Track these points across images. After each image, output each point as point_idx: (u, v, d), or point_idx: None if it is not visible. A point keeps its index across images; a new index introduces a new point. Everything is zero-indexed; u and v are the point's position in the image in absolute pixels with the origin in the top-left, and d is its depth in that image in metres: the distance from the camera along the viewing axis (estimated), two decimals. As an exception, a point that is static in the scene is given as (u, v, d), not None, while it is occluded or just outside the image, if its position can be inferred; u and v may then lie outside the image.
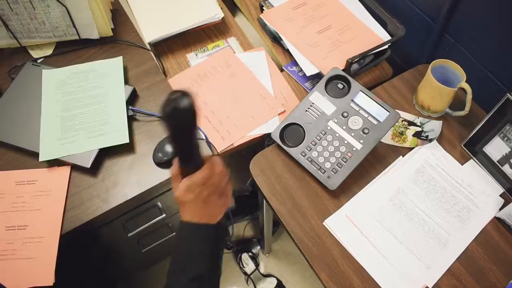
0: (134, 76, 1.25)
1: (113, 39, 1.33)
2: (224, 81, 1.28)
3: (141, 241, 1.36)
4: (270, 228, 1.58)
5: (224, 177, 0.74)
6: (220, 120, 1.21)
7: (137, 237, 1.34)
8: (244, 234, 1.87)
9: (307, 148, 1.08)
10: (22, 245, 1.04)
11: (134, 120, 1.18)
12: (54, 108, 1.18)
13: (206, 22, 1.34)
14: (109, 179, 1.10)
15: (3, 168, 1.14)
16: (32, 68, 1.26)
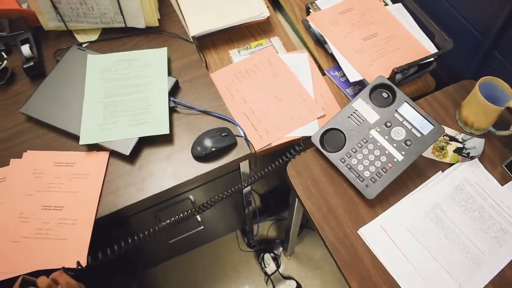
0: (177, 68, 1.26)
1: (158, 30, 1.33)
2: (265, 80, 1.28)
3: (168, 232, 1.36)
4: (297, 230, 1.58)
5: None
6: (259, 118, 1.21)
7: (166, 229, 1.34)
8: (267, 234, 1.87)
9: (347, 154, 1.07)
10: (57, 225, 1.05)
11: (174, 112, 1.18)
12: (97, 93, 1.18)
13: (251, 19, 1.34)
14: (146, 168, 1.11)
15: (43, 148, 1.15)
16: (77, 52, 1.28)
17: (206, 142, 1.10)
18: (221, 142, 1.10)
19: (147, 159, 1.12)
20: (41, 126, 1.19)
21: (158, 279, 1.80)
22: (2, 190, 1.09)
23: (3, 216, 1.05)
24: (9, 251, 1.02)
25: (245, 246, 1.89)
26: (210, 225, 1.48)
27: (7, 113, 1.22)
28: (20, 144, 1.16)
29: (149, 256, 1.65)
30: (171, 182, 1.09)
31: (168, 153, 1.13)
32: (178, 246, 1.50)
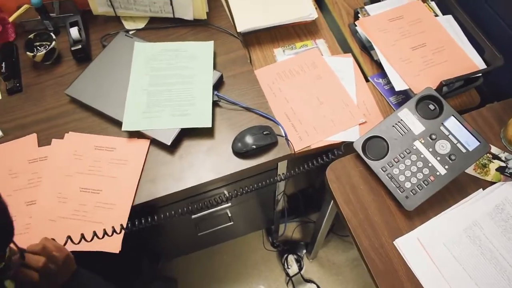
0: (222, 63, 1.26)
1: (205, 23, 1.34)
2: (309, 81, 1.27)
3: (199, 224, 1.37)
4: (325, 234, 1.57)
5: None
6: (300, 119, 1.20)
7: (197, 221, 1.34)
8: (292, 236, 1.87)
9: (389, 164, 1.06)
10: (94, 208, 1.06)
11: (217, 106, 1.18)
12: (142, 81, 1.19)
13: (299, 20, 1.34)
14: (185, 159, 1.11)
15: (85, 131, 1.16)
16: (125, 38, 1.28)
17: (247, 139, 1.10)
18: (262, 140, 1.10)
19: (187, 151, 1.12)
20: (84, 109, 1.20)
21: (179, 271, 1.81)
22: (42, 168, 1.11)
23: (42, 194, 1.07)
24: (45, 229, 1.04)
25: (268, 245, 1.88)
26: (239, 221, 1.48)
27: (52, 93, 1.24)
28: (62, 125, 1.18)
29: (177, 247, 1.66)
30: (209, 175, 1.09)
31: (208, 147, 1.13)
32: (206, 239, 1.51)
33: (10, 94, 1.26)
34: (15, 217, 1.01)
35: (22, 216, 1.06)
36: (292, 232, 1.86)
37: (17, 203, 1.07)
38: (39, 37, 1.28)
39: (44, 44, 1.29)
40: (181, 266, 1.80)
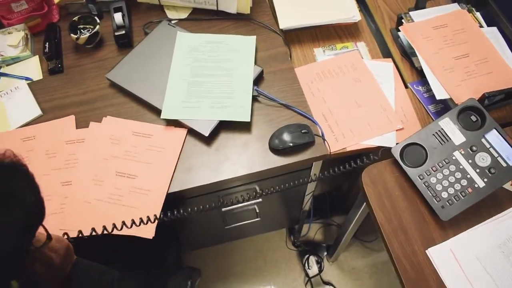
0: (262, 58, 1.26)
1: (248, 18, 1.34)
2: (347, 83, 1.27)
3: (226, 218, 1.37)
4: (349, 238, 1.56)
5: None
6: (337, 121, 1.20)
7: (225, 214, 1.35)
8: (314, 237, 1.86)
9: (427, 172, 1.05)
10: (129, 193, 1.06)
11: (255, 101, 1.18)
12: (183, 71, 1.20)
13: (341, 21, 1.33)
14: (222, 151, 1.11)
15: (123, 116, 1.17)
16: (167, 27, 1.29)
17: (285, 136, 1.10)
18: (300, 138, 1.09)
19: (224, 143, 1.13)
20: (123, 94, 1.21)
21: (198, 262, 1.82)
22: (79, 150, 1.12)
23: (78, 175, 1.08)
24: (80, 210, 1.05)
25: (290, 244, 1.88)
26: (266, 218, 1.48)
27: (92, 76, 1.25)
28: (100, 109, 1.19)
29: (201, 238, 1.67)
30: (244, 169, 1.09)
31: (244, 141, 1.13)
32: (231, 233, 1.51)
33: (51, 74, 1.27)
34: (51, 196, 1.03)
35: (57, 195, 1.07)
36: (314, 233, 1.86)
37: (53, 182, 1.08)
38: (83, 20, 1.30)
39: (88, 27, 1.30)
40: (201, 257, 1.81)
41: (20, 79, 1.28)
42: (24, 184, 0.65)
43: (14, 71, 1.30)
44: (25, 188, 0.64)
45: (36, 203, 0.67)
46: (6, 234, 0.59)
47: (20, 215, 0.62)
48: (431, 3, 1.38)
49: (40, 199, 0.69)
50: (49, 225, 0.94)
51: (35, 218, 0.69)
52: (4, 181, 0.62)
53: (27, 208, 0.64)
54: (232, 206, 1.25)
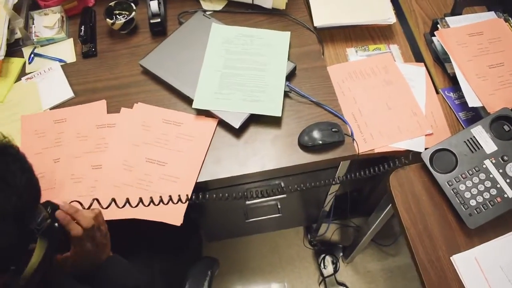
0: (295, 54, 1.26)
1: (282, 13, 1.34)
2: (379, 85, 1.26)
3: (248, 211, 1.38)
4: (368, 240, 1.56)
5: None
6: (366, 121, 1.20)
7: (248, 207, 1.35)
8: (331, 237, 1.86)
9: (456, 179, 1.05)
10: (158, 180, 1.07)
11: (286, 97, 1.18)
12: (216, 62, 1.20)
13: (377, 22, 1.33)
14: (251, 145, 1.12)
15: (154, 103, 1.18)
16: (202, 18, 1.30)
17: (315, 133, 1.10)
18: (330, 137, 1.10)
19: (253, 137, 1.13)
20: (155, 82, 1.21)
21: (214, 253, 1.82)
22: (110, 135, 1.13)
23: (108, 159, 1.09)
24: (109, 194, 1.05)
25: (306, 242, 1.89)
26: (286, 215, 1.48)
27: (125, 62, 1.26)
28: (132, 95, 1.20)
29: (221, 230, 1.68)
30: (272, 164, 1.10)
31: (274, 136, 1.13)
32: (250, 227, 1.52)
33: (85, 57, 1.28)
34: (81, 178, 1.04)
35: (88, 178, 1.08)
36: (331, 233, 1.86)
37: (84, 165, 1.10)
38: (119, 5, 1.31)
39: (123, 13, 1.31)
40: (217, 249, 1.82)
41: (54, 60, 1.29)
42: (15, 166, 0.64)
43: (48, 52, 1.31)
44: (16, 171, 0.63)
45: (29, 184, 0.66)
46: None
47: (12, 198, 0.60)
48: (467, 10, 1.37)
49: (33, 179, 0.68)
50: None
51: (29, 199, 0.68)
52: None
53: (20, 190, 0.62)
54: (257, 200, 1.26)
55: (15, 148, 0.69)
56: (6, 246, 0.60)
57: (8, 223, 0.60)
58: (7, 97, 1.24)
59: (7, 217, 0.60)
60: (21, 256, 0.67)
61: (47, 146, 1.13)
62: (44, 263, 0.71)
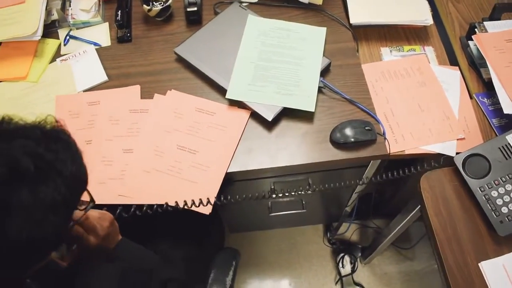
0: (330, 51, 1.25)
1: (318, 9, 1.33)
2: (412, 86, 1.25)
3: (273, 205, 1.38)
4: (389, 243, 1.55)
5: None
6: (398, 122, 1.19)
7: (273, 201, 1.35)
8: (351, 237, 1.86)
9: (488, 185, 1.03)
10: (189, 167, 1.08)
11: (320, 93, 1.18)
12: (251, 54, 1.20)
13: (413, 23, 1.31)
14: (282, 139, 1.12)
15: (187, 91, 1.18)
16: (238, 9, 1.30)
17: (347, 131, 1.10)
18: (362, 135, 1.09)
19: (284, 131, 1.13)
20: (189, 70, 1.22)
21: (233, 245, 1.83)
22: (143, 120, 1.13)
23: (140, 144, 1.09)
24: (139, 178, 1.06)
25: (325, 241, 1.88)
26: (310, 211, 1.48)
27: (160, 49, 1.26)
28: (165, 81, 1.20)
29: (244, 222, 1.68)
30: (302, 159, 1.10)
31: (305, 130, 1.13)
32: (273, 221, 1.52)
33: (119, 42, 1.29)
34: (112, 161, 1.05)
35: (119, 162, 1.09)
36: (351, 233, 1.85)
37: (115, 149, 1.10)
38: (156, -8, 1.31)
39: (160, 0, 1.31)
40: (236, 241, 1.82)
41: (89, 43, 1.30)
42: (65, 155, 0.62)
43: (84, 35, 1.32)
44: (66, 160, 0.61)
45: (78, 173, 0.64)
46: (47, 207, 0.57)
47: (61, 188, 0.59)
48: (506, 15, 1.35)
49: (82, 169, 0.67)
50: (109, 189, 0.96)
51: (77, 188, 0.66)
52: (46, 151, 0.59)
53: (69, 180, 0.60)
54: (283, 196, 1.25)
55: (67, 133, 0.67)
56: (52, 233, 0.59)
57: (55, 212, 0.59)
58: (41, 78, 1.25)
59: (55, 207, 0.58)
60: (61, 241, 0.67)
61: (80, 127, 1.14)
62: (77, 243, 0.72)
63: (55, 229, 0.60)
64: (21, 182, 0.55)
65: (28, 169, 0.56)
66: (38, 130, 0.62)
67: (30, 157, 0.57)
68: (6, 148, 0.57)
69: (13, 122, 0.62)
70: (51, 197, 0.57)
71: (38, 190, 0.56)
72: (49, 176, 0.58)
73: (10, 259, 0.56)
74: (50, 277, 0.67)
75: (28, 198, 0.55)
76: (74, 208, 0.68)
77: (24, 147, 0.58)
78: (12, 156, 0.56)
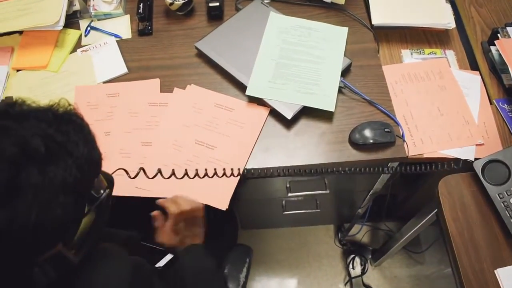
0: (351, 51, 1.24)
1: (340, 8, 1.33)
2: (432, 90, 1.24)
3: (287, 204, 1.38)
4: (401, 246, 1.55)
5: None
6: (417, 125, 1.18)
7: (287, 199, 1.35)
8: (362, 238, 1.85)
9: (507, 192, 1.03)
10: (206, 162, 1.08)
11: (340, 93, 1.17)
12: (272, 51, 1.20)
13: (435, 26, 1.31)
14: (300, 137, 1.12)
15: (206, 86, 1.18)
16: (260, 6, 1.29)
17: (367, 132, 1.09)
18: (382, 137, 1.09)
19: (303, 129, 1.13)
20: (209, 65, 1.22)
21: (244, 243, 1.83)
22: (162, 113, 1.13)
23: (158, 138, 1.09)
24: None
25: (336, 241, 1.88)
26: (323, 211, 1.48)
27: (180, 43, 1.27)
28: (185, 76, 1.20)
29: (256, 219, 1.68)
30: (320, 158, 1.09)
31: (323, 130, 1.13)
32: (286, 219, 1.52)
33: (140, 35, 1.30)
34: (130, 154, 1.05)
35: (137, 154, 1.09)
36: (362, 234, 1.85)
37: (133, 141, 1.11)
38: (178, -14, 1.31)
39: (182, -6, 1.31)
40: (246, 238, 1.82)
41: (110, 35, 1.31)
42: (77, 137, 0.61)
43: (105, 27, 1.33)
44: (78, 141, 0.60)
45: (90, 156, 0.63)
46: (57, 187, 0.55)
47: (72, 169, 0.57)
48: (530, 21, 1.34)
49: (95, 151, 0.66)
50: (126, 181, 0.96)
51: (90, 171, 0.64)
52: (57, 132, 0.58)
53: (81, 162, 0.59)
54: (298, 193, 1.26)
55: (80, 116, 0.66)
56: (62, 217, 0.58)
57: (66, 194, 0.57)
58: (61, 68, 1.25)
59: (66, 188, 0.56)
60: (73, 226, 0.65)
61: (99, 118, 1.14)
62: (92, 234, 0.71)
63: (65, 212, 0.58)
64: (31, 162, 0.54)
65: (38, 149, 0.55)
66: (50, 113, 0.62)
67: (41, 138, 0.56)
68: (17, 129, 0.56)
69: (25, 104, 0.62)
70: (62, 178, 0.56)
71: (48, 170, 0.55)
72: (59, 156, 0.57)
73: (18, 242, 0.55)
74: (60, 269, 0.65)
75: (38, 177, 0.54)
76: (86, 192, 0.66)
77: (35, 128, 0.57)
78: (23, 137, 0.55)
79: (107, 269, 0.72)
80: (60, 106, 0.64)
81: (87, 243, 0.70)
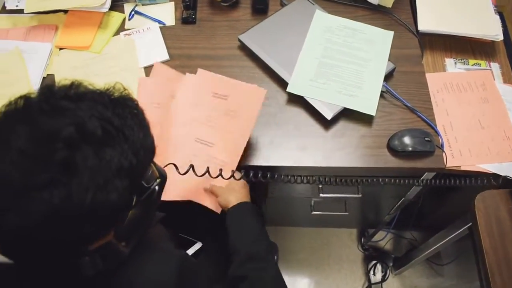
0: (394, 56, 1.23)
1: (387, 11, 1.31)
2: (474, 102, 1.22)
3: (315, 204, 1.37)
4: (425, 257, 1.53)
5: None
6: (456, 136, 1.16)
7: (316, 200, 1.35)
8: (385, 245, 1.84)
9: (547, 212, 1.00)
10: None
11: (381, 97, 1.16)
12: (315, 50, 1.19)
13: (482, 36, 1.28)
14: (338, 139, 1.11)
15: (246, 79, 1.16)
16: (306, 3, 1.28)
17: (406, 139, 1.08)
18: (422, 145, 1.07)
19: (341, 131, 1.12)
20: (250, 59, 1.22)
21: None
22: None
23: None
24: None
25: (359, 246, 1.87)
26: (351, 215, 1.47)
27: (223, 34, 1.26)
28: (227, 67, 1.21)
29: (284, 216, 1.68)
30: (357, 162, 1.09)
31: (362, 134, 1.12)
32: (313, 219, 1.51)
33: (184, 23, 1.30)
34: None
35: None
36: (386, 241, 1.83)
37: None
38: (225, -23, 1.30)
39: (228, -15, 1.30)
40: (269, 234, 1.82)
41: (154, 21, 1.31)
42: (133, 121, 0.60)
43: (149, 12, 1.33)
44: (134, 126, 0.60)
45: (145, 141, 0.62)
46: (113, 171, 0.55)
47: (128, 152, 0.57)
48: None
49: (149, 137, 0.65)
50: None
51: (144, 157, 0.63)
52: (114, 115, 0.58)
53: (136, 146, 0.59)
54: (329, 195, 1.25)
55: (135, 101, 0.66)
56: (117, 202, 0.57)
57: (122, 179, 0.56)
58: (104, 50, 1.26)
59: (122, 172, 0.56)
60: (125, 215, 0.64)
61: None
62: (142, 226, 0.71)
63: (120, 197, 0.57)
64: (87, 144, 0.54)
65: (95, 131, 0.55)
66: (106, 96, 0.62)
67: (98, 120, 0.56)
68: (74, 109, 0.56)
69: (82, 86, 0.61)
70: (117, 161, 0.56)
71: (104, 153, 0.55)
72: (116, 140, 0.56)
73: (73, 223, 0.55)
74: (110, 261, 0.65)
75: (94, 159, 0.54)
76: (140, 178, 0.65)
77: (92, 109, 0.57)
78: (80, 117, 0.55)
79: (154, 263, 0.71)
80: (116, 90, 0.64)
81: (136, 234, 0.69)
